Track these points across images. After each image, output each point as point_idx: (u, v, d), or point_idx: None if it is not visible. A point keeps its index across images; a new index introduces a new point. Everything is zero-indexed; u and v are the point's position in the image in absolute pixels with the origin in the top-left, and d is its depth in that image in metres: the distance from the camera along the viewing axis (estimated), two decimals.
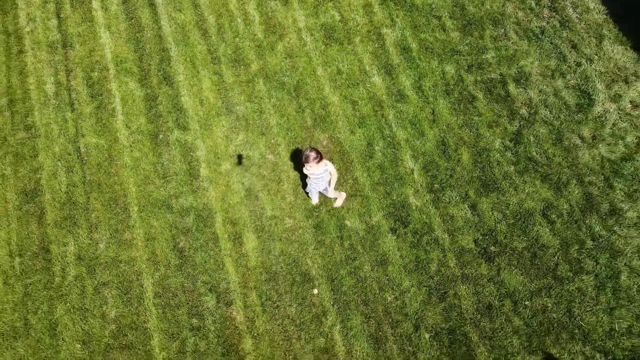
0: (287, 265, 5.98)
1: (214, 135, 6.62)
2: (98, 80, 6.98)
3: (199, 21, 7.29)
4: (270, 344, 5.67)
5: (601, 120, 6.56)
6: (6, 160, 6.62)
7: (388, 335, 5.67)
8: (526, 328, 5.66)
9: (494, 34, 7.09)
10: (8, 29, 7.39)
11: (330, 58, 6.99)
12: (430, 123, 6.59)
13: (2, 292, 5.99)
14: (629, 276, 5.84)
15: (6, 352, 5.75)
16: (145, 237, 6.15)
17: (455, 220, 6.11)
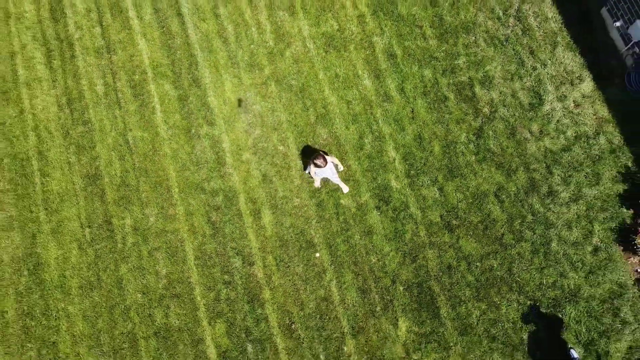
0: (296, 234, 7.78)
1: (235, 130, 8.24)
2: (139, 82, 8.53)
3: (219, 30, 8.73)
4: (283, 294, 7.57)
5: (548, 117, 8.13)
6: (70, 150, 8.30)
7: (372, 287, 7.55)
8: (476, 282, 7.52)
9: (466, 42, 8.52)
10: (60, 35, 8.85)
11: (329, 63, 8.48)
12: (410, 120, 8.18)
13: (78, 255, 7.85)
14: (558, 243, 7.62)
15: (86, 300, 7.68)
16: (185, 213, 7.93)
17: (426, 199, 7.84)
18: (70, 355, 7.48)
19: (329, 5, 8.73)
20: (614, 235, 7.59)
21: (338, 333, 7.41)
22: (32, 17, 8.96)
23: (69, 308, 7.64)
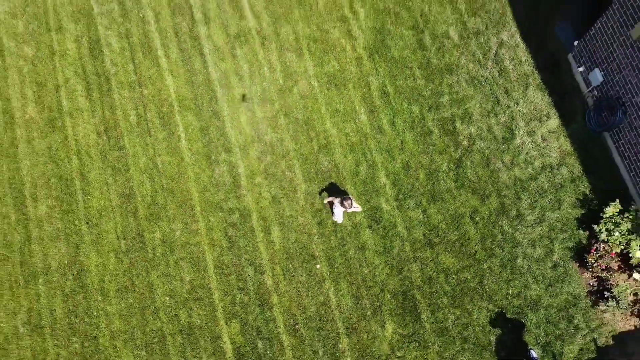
0: (300, 248, 9.15)
1: (249, 157, 9.61)
2: (166, 114, 9.90)
3: (236, 68, 10.07)
4: (288, 299, 8.95)
5: (518, 149, 9.45)
6: (108, 172, 9.69)
7: (364, 294, 8.91)
8: (452, 292, 8.87)
9: (450, 82, 9.84)
10: (98, 71, 10.22)
11: (330, 100, 9.82)
12: (399, 150, 9.51)
13: (115, 263, 9.25)
14: (523, 260, 8.96)
15: (122, 301, 9.09)
16: (205, 228, 9.31)
17: (412, 220, 9.19)
18: (108, 348, 8.90)
19: (331, 48, 10.06)
20: (571, 254, 8.92)
21: (334, 333, 8.79)
22: (74, 54, 10.33)
23: (107, 308, 9.06)
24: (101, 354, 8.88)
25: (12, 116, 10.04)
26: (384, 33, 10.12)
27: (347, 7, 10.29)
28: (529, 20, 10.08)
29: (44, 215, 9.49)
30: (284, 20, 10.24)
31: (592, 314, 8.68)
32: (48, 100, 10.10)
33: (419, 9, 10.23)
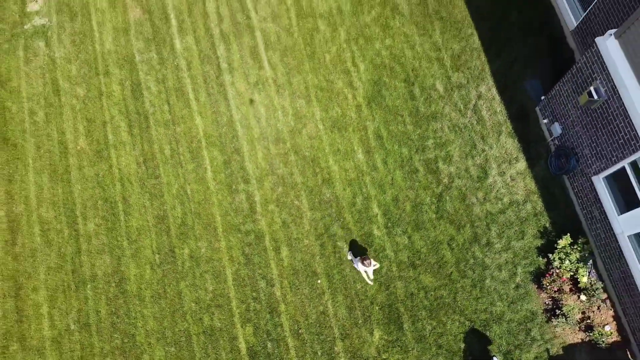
0: (304, 266, 10.97)
1: (264, 187, 11.47)
2: (195, 149, 11.79)
3: (255, 112, 11.96)
4: (294, 308, 10.77)
5: (490, 187, 11.23)
6: (145, 196, 11.58)
7: (356, 306, 10.72)
8: (430, 306, 10.65)
9: (434, 128, 11.65)
10: (139, 110, 12.14)
11: (333, 140, 11.66)
12: (390, 185, 11.33)
13: (150, 273, 11.12)
14: (490, 281, 10.73)
15: (155, 306, 10.93)
16: (226, 246, 11.17)
17: (399, 245, 10.99)
18: (144, 344, 10.76)
19: (335, 96, 11.93)
20: (531, 277, 10.67)
21: (331, 337, 10.60)
22: (118, 95, 12.27)
23: (143, 311, 10.93)
24: (138, 349, 10.74)
25: (66, 147, 11.98)
26: (380, 84, 11.97)
27: (349, 62, 12.16)
28: (504, 77, 11.89)
29: (92, 232, 11.40)
30: (296, 71, 12.13)
31: (546, 328, 10.43)
32: (96, 134, 12.03)
33: (410, 65, 12.08)
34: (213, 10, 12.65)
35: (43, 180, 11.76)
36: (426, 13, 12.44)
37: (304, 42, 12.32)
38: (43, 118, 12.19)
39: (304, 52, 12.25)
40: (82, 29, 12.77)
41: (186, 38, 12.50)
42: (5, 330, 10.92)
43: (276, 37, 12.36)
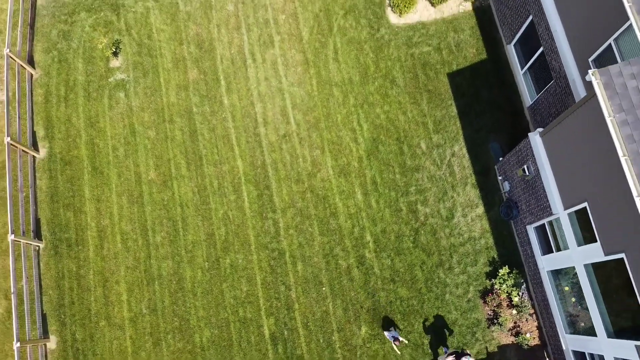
0: (314, 277, 14.99)
1: (287, 216, 15.44)
2: (236, 184, 15.76)
3: (282, 157, 15.86)
4: (305, 307, 14.81)
5: (455, 226, 15.08)
6: (198, 218, 15.60)
7: (349, 308, 14.74)
8: (404, 311, 14.62)
9: (417, 177, 15.48)
10: (195, 152, 16.09)
11: (340, 184, 15.56)
12: (380, 220, 15.23)
13: (201, 276, 15.21)
14: (449, 296, 14.66)
15: (204, 300, 15.05)
16: (257, 259, 15.21)
17: (384, 265, 14.94)
18: (195, 327, 14.92)
19: (343, 149, 15.77)
20: (479, 294, 14.58)
21: (330, 329, 14.67)
22: (179, 139, 16.20)
23: (195, 303, 15.07)
24: (191, 330, 14.92)
25: (139, 177, 16.03)
26: (377, 141, 15.79)
27: (355, 122, 15.97)
28: (473, 140, 15.63)
29: (159, 242, 15.51)
30: (314, 128, 15.98)
31: (487, 332, 14.38)
32: (163, 168, 16.05)
33: (402, 127, 15.86)
34: (253, 75, 16.48)
35: (123, 201, 15.86)
36: (417, 86, 16.16)
37: (322, 105, 16.15)
38: (123, 153, 16.22)
39: (321, 112, 16.09)
40: (152, 84, 16.69)
41: (232, 96, 16.38)
42: (96, 310, 15.14)
43: (300, 99, 16.20)
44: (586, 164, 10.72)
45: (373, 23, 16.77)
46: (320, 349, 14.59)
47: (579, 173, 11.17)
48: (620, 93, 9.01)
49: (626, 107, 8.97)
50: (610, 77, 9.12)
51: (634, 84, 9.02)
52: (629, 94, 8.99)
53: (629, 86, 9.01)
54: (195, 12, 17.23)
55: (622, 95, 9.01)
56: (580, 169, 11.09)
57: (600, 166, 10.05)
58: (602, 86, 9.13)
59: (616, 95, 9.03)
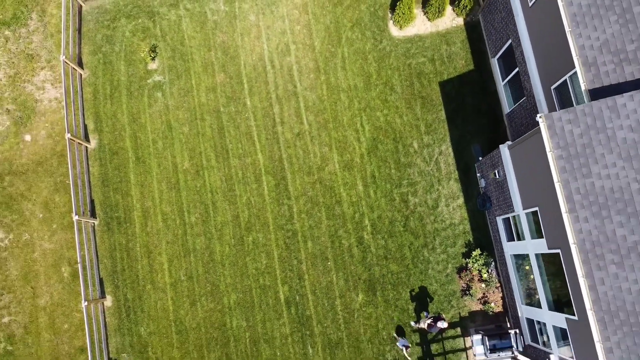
0: (321, 253, 18.27)
1: (299, 203, 18.57)
2: (257, 174, 18.81)
3: (296, 153, 18.84)
4: (313, 277, 18.16)
5: (439, 214, 18.22)
6: (226, 203, 18.77)
7: (350, 279, 18.09)
8: (394, 282, 17.96)
9: (409, 173, 18.48)
10: (223, 146, 19.05)
11: (344, 176, 18.57)
12: (377, 208, 18.34)
13: (228, 250, 18.54)
14: (432, 271, 17.97)
15: (231, 270, 18.44)
16: (274, 238, 18.45)
17: (378, 245, 18.17)
18: (224, 291, 18.35)
19: (347, 147, 18.70)
20: (456, 271, 17.88)
21: (333, 296, 18.08)
22: (209, 134, 19.14)
23: (224, 272, 18.44)
24: (220, 294, 18.38)
25: (176, 166, 19.09)
26: (377, 141, 18.70)
27: (359, 123, 18.83)
28: (458, 141, 18.50)
29: (193, 222, 18.76)
30: (323, 128, 18.87)
31: (461, 301, 17.77)
32: (195, 160, 19.09)
33: (398, 128, 18.71)
34: (272, 80, 19.22)
35: (162, 187, 18.99)
36: (412, 93, 18.90)
37: (330, 108, 18.96)
38: (161, 146, 19.22)
39: (330, 114, 18.92)
40: (185, 86, 19.48)
41: (254, 98, 19.19)
42: (142, 276, 18.57)
43: (312, 102, 19.00)
44: (537, 178, 13.68)
45: (377, 35, 19.32)
46: (325, 311, 18.06)
47: (533, 183, 14.15)
48: (558, 134, 11.89)
49: (562, 145, 11.87)
50: (553, 121, 11.97)
51: (569, 128, 11.87)
52: (565, 135, 11.87)
53: (565, 129, 11.87)
54: (221, 21, 19.77)
55: (560, 135, 11.88)
56: (534, 181, 14.06)
57: (545, 182, 13.02)
58: (546, 127, 12.00)
59: (555, 135, 11.91)
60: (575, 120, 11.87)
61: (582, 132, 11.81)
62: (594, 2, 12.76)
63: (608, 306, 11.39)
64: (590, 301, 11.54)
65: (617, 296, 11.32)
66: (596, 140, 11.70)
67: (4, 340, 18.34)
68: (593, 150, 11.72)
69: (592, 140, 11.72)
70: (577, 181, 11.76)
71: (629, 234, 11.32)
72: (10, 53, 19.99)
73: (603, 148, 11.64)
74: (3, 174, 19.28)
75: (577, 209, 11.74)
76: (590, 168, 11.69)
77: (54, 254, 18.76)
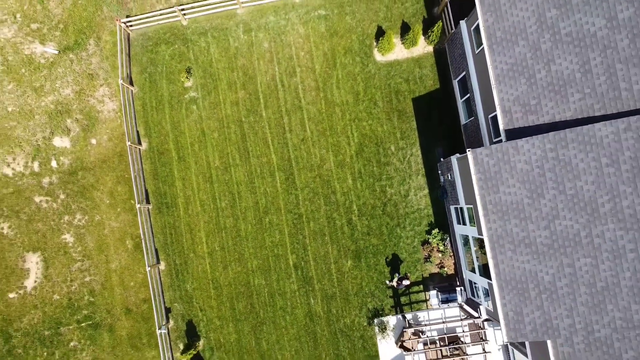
0: (320, 231, 24.40)
1: (304, 193, 24.53)
2: (271, 170, 24.68)
3: (301, 154, 24.63)
4: (314, 249, 24.40)
5: (409, 201, 24.20)
6: (248, 192, 24.75)
7: (341, 250, 24.31)
8: (374, 252, 24.20)
9: (387, 170, 24.30)
10: (245, 148, 24.80)
11: (338, 172, 24.42)
12: (362, 196, 24.30)
13: (251, 228, 24.69)
14: (403, 245, 24.19)
15: (253, 242, 24.65)
16: (285, 219, 24.54)
17: (362, 223, 24.26)
18: (247, 259, 24.66)
19: (340, 150, 24.43)
20: (421, 244, 24.06)
21: (329, 262, 24.35)
22: (234, 139, 24.86)
23: (248, 244, 24.64)
24: (245, 260, 24.69)
25: (209, 164, 24.93)
26: (363, 145, 24.39)
27: (349, 131, 24.45)
28: (426, 146, 24.18)
29: (224, 207, 24.82)
30: (322, 135, 24.52)
31: (423, 266, 24.05)
32: (224, 159, 24.90)
33: (380, 135, 24.35)
34: (282, 96, 24.69)
35: (199, 180, 24.91)
36: (391, 107, 24.40)
37: (327, 119, 24.55)
38: (197, 148, 24.97)
39: (327, 124, 24.53)
40: (214, 100, 24.98)
41: (268, 111, 24.74)
42: (186, 247, 24.83)
43: (313, 114, 24.57)
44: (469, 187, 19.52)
45: (364, 60, 24.59)
46: (323, 273, 24.42)
47: (470, 188, 20.01)
48: (479, 163, 17.65)
49: (481, 170, 17.66)
50: (476, 154, 17.69)
51: (487, 159, 17.60)
52: (484, 164, 17.63)
53: (484, 160, 17.61)
54: (241, 47, 25.01)
55: (480, 164, 17.65)
56: (470, 187, 19.91)
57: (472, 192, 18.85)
58: (472, 158, 17.74)
59: (478, 163, 17.68)
60: (490, 155, 17.59)
61: (494, 162, 17.56)
62: (511, 67, 18.15)
63: (505, 277, 17.55)
64: (494, 273, 17.69)
65: (510, 271, 17.46)
66: (503, 169, 17.46)
67: (87, 294, 24.89)
68: (501, 176, 17.51)
69: (501, 169, 17.48)
70: (490, 196, 17.63)
71: (520, 232, 17.32)
72: (75, 73, 25.38)
73: (507, 174, 17.43)
74: (77, 169, 25.20)
75: (489, 213, 17.69)
76: (498, 187, 17.54)
77: (120, 231, 24.99)
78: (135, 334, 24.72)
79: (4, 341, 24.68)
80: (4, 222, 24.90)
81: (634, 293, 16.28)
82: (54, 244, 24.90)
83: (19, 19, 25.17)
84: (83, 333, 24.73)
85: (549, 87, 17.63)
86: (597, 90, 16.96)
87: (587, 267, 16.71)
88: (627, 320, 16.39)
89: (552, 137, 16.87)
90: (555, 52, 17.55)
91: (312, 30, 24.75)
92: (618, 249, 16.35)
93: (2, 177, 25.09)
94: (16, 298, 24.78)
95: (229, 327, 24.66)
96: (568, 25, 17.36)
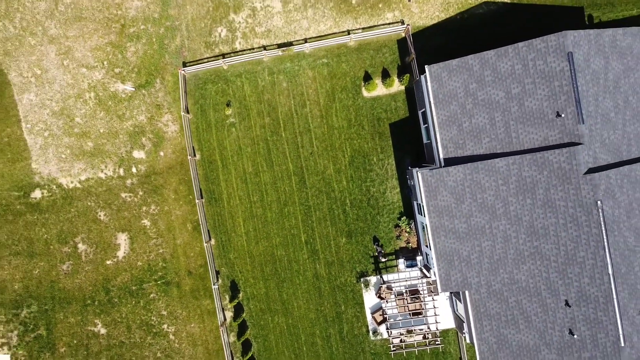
0: (323, 217, 34.76)
1: (312, 190, 34.83)
2: (289, 175, 34.87)
3: (311, 164, 34.79)
4: (321, 230, 34.83)
5: (386, 197, 34.49)
6: (272, 190, 35.02)
7: (338, 231, 34.79)
8: (359, 232, 34.68)
9: (371, 175, 34.45)
10: (270, 160, 34.91)
11: (336, 176, 34.62)
12: (352, 192, 34.58)
13: (274, 217, 35.09)
14: (381, 227, 34.59)
15: (276, 226, 35.05)
16: (299, 210, 34.92)
17: (347, 209, 34.64)
18: (273, 237, 35.11)
19: (337, 160, 34.48)
20: (394, 227, 34.47)
21: (329, 239, 34.76)
22: (262, 152, 34.95)
23: (273, 227, 35.08)
24: (271, 238, 35.10)
25: (245, 170, 35.08)
26: (354, 157, 34.43)
27: (345, 147, 34.43)
28: (399, 157, 34.19)
29: (255, 200, 35.08)
30: (325, 150, 34.53)
31: (395, 242, 34.51)
32: (255, 167, 34.99)
33: (365, 150, 34.37)
34: (296, 122, 34.58)
35: (238, 182, 35.11)
36: (375, 130, 34.35)
37: (329, 138, 34.54)
38: (236, 159, 35.04)
39: (328, 142, 34.54)
40: (247, 124, 34.87)
41: (286, 132, 34.68)
42: (229, 229, 35.24)
43: (319, 135, 34.54)
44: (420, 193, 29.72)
45: (355, 96, 34.38)
46: (325, 247, 34.92)
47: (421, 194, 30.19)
48: (429, 185, 27.83)
49: (426, 185, 27.86)
50: (427, 176, 27.86)
51: (429, 178, 27.78)
52: (428, 182, 27.81)
53: (428, 179, 27.78)
54: (267, 85, 34.76)
55: (426, 181, 27.83)
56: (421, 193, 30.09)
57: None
58: (420, 177, 27.93)
59: (425, 180, 27.87)
60: (432, 175, 27.73)
61: (435, 180, 27.70)
62: (447, 118, 28.07)
63: (441, 253, 28.01)
64: (433, 249, 28.15)
65: (443, 248, 27.90)
66: (440, 184, 27.64)
67: (161, 261, 35.56)
68: (438, 188, 27.72)
69: (439, 185, 27.67)
70: (432, 201, 27.90)
71: (449, 224, 27.65)
72: (147, 104, 35.25)
73: (442, 188, 27.63)
74: (150, 174, 35.42)
75: (432, 215, 28.00)
76: (437, 196, 27.78)
77: (182, 217, 35.43)
78: (195, 289, 35.51)
79: (105, 293, 35.55)
80: (101, 211, 35.37)
81: (515, 263, 26.80)
82: (136, 226, 35.41)
83: (106, 65, 34.90)
84: (159, 288, 35.52)
85: (471, 133, 27.64)
86: (498, 137, 27.00)
87: (488, 247, 27.18)
88: (511, 279, 26.97)
89: (470, 165, 27.02)
90: (474, 110, 27.49)
91: (317, 74, 34.42)
92: (506, 236, 26.78)
93: (98, 180, 35.39)
94: (112, 264, 35.50)
95: (259, 284, 35.36)
96: (482, 94, 27.25)
